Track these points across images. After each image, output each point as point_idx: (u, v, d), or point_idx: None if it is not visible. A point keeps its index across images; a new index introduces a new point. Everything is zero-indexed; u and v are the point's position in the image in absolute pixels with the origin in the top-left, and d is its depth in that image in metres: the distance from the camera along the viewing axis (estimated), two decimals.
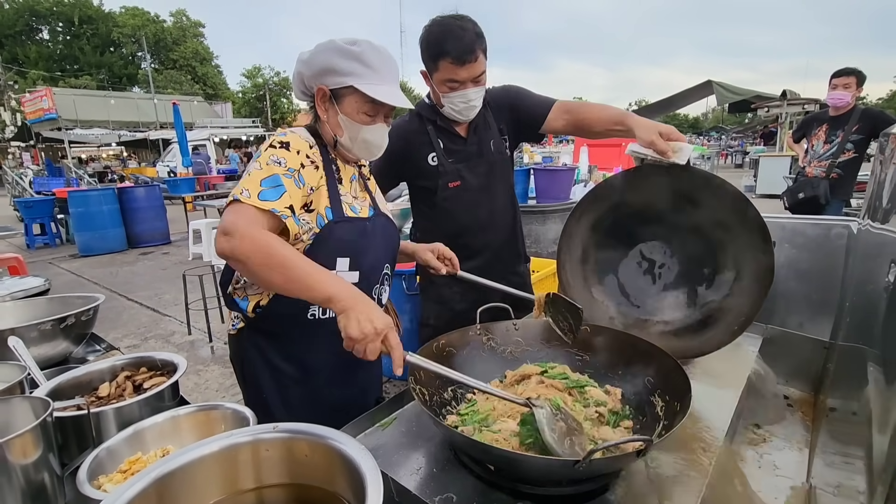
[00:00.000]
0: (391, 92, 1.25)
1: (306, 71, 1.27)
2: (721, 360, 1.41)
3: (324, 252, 1.23)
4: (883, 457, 0.45)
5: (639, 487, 0.91)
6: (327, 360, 1.37)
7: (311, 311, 1.31)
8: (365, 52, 1.22)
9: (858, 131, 3.91)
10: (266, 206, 1.09)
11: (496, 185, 1.89)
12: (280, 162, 1.17)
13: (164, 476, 0.65)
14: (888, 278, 0.66)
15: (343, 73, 1.22)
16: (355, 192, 1.40)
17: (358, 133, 1.29)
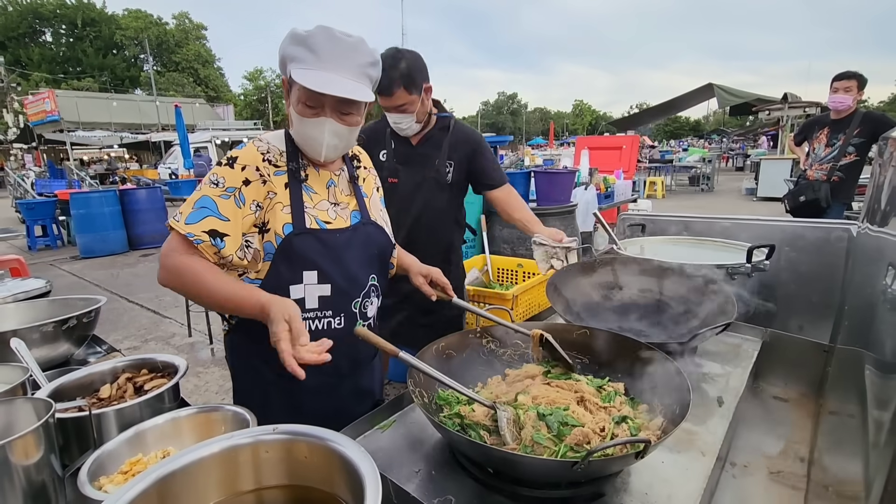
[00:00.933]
0: (326, 79, 1.10)
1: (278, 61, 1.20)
2: (720, 362, 1.42)
3: (286, 265, 1.20)
4: (878, 458, 0.46)
5: (638, 490, 0.91)
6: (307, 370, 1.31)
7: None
8: (313, 36, 1.11)
9: (860, 134, 3.91)
10: (184, 231, 1.09)
11: (432, 197, 2.10)
12: (218, 182, 1.14)
13: (164, 477, 0.65)
14: (885, 281, 0.67)
15: (290, 58, 1.13)
16: (334, 198, 1.31)
17: (301, 127, 1.19)
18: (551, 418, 0.94)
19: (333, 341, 1.23)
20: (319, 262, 1.22)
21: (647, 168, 17.07)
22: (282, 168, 1.23)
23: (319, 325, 1.27)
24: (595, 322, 1.57)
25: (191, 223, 1.10)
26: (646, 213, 4.07)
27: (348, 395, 1.41)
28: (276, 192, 1.20)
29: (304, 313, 1.24)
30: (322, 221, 1.24)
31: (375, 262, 1.38)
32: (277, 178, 1.21)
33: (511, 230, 3.90)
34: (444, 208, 2.15)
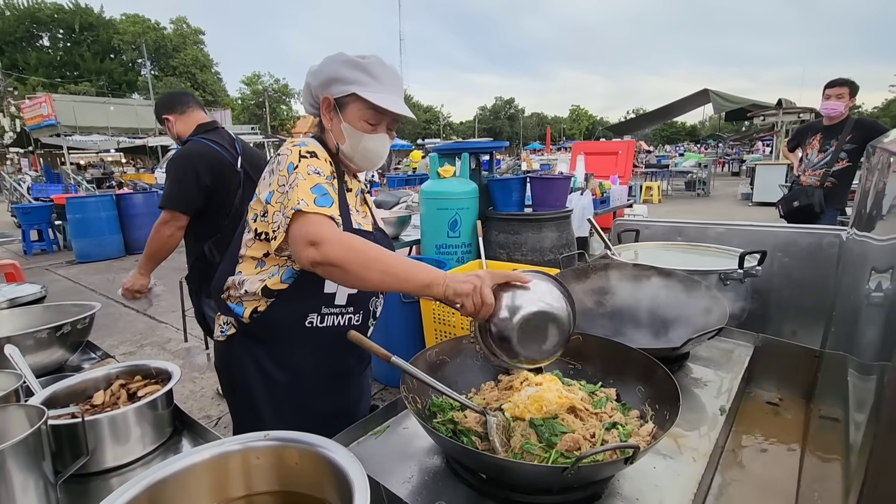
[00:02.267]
0: (393, 101, 1.27)
1: (314, 82, 1.30)
2: (713, 368, 1.43)
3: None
4: (856, 459, 0.47)
5: (629, 495, 0.91)
6: (319, 369, 1.39)
7: (309, 319, 1.31)
8: (371, 64, 1.26)
9: (852, 140, 3.94)
10: (327, 213, 1.12)
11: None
12: (319, 172, 1.20)
13: (155, 483, 0.65)
14: (868, 285, 0.68)
15: (347, 81, 1.25)
16: (357, 206, 1.42)
17: (359, 141, 1.31)
18: (542, 428, 0.94)
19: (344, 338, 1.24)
20: None
21: (643, 173, 17.15)
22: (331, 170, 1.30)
23: (342, 320, 1.35)
24: (588, 328, 1.57)
25: (325, 206, 1.12)
26: (641, 218, 4.09)
27: (353, 394, 1.48)
28: (336, 187, 1.28)
29: (332, 308, 1.32)
30: (357, 223, 1.34)
31: None
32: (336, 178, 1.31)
33: (507, 235, 3.91)
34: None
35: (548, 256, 3.81)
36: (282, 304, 1.28)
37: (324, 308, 1.32)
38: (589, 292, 1.71)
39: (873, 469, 0.42)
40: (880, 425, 0.42)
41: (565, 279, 1.70)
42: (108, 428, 0.96)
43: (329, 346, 1.35)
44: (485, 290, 1.03)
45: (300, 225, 1.10)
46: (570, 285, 1.70)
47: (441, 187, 3.92)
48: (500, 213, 4.02)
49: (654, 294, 1.64)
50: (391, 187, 14.40)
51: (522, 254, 3.84)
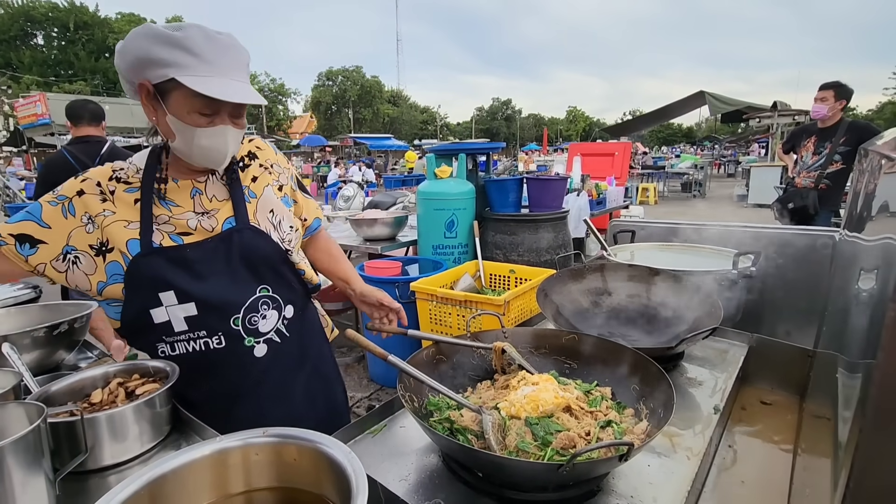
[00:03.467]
0: (225, 84, 1.03)
1: (122, 64, 1.06)
2: (708, 367, 1.44)
3: (138, 289, 1.12)
4: (843, 456, 0.48)
5: (624, 492, 0.93)
6: (203, 392, 1.23)
7: (161, 349, 1.20)
8: (190, 38, 1.00)
9: (846, 143, 3.99)
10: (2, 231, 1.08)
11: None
12: (56, 190, 1.13)
13: (156, 479, 0.66)
14: (857, 285, 0.69)
15: (162, 63, 1.00)
16: (202, 207, 1.19)
17: (192, 137, 1.08)
18: (537, 427, 0.95)
19: (216, 362, 1.19)
20: (173, 280, 1.11)
21: (639, 174, 17.22)
22: (134, 185, 1.15)
23: (196, 346, 1.18)
24: (584, 327, 1.59)
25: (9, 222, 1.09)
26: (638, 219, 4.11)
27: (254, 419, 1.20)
28: (115, 211, 1.12)
29: (175, 336, 1.17)
30: (177, 236, 1.15)
31: (262, 270, 1.23)
32: (127, 196, 1.14)
33: (504, 236, 3.93)
34: None
35: (544, 257, 3.83)
36: (128, 336, 1.23)
37: (165, 338, 1.17)
38: (585, 292, 1.73)
39: (858, 464, 0.43)
40: (865, 421, 0.43)
41: (562, 279, 1.71)
42: (107, 426, 0.96)
43: (198, 372, 1.20)
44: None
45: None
46: (567, 285, 1.72)
47: (438, 188, 3.94)
48: (496, 213, 4.04)
49: (649, 294, 1.65)
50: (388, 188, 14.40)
51: (519, 254, 3.86)
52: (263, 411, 1.28)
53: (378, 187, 16.27)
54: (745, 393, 1.44)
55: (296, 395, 1.35)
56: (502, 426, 0.98)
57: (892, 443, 0.42)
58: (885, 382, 0.41)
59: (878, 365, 0.41)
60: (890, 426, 0.41)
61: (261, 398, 1.28)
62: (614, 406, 1.09)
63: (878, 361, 0.41)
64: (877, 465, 0.42)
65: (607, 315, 1.68)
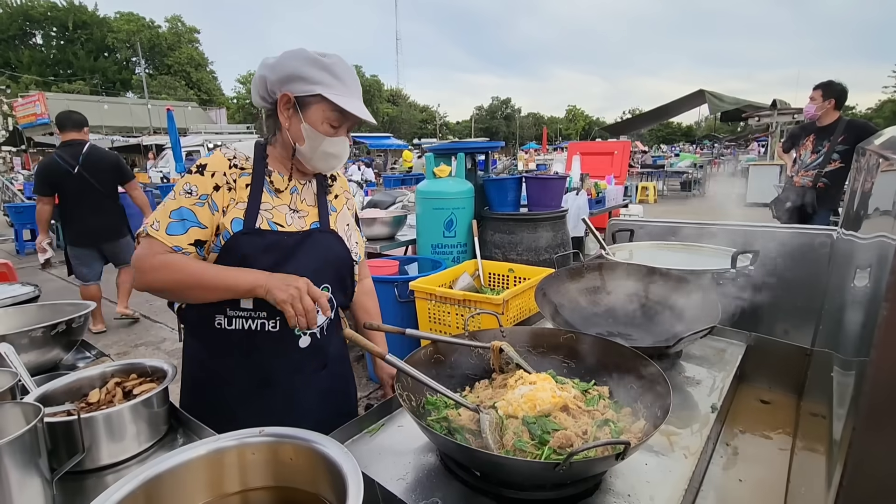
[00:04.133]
0: (357, 105, 1.25)
1: (271, 76, 1.25)
2: (706, 366, 1.44)
3: (229, 261, 1.22)
4: (837, 454, 0.48)
5: (621, 491, 0.93)
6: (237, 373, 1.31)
7: (217, 321, 1.27)
8: (335, 65, 1.23)
9: (844, 142, 3.99)
10: (170, 243, 1.18)
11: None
12: (191, 191, 1.22)
13: (151, 479, 0.66)
14: (853, 283, 0.69)
15: (311, 81, 1.21)
16: (295, 205, 1.34)
17: (319, 144, 1.27)
18: (535, 426, 0.95)
19: (264, 344, 1.29)
20: (260, 260, 1.23)
21: (639, 173, 17.22)
22: (247, 170, 1.29)
23: (253, 325, 1.27)
24: (583, 326, 1.59)
25: (174, 234, 1.18)
26: (637, 217, 4.11)
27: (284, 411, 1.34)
28: (235, 198, 1.26)
29: (238, 311, 1.27)
30: (275, 223, 1.28)
31: (330, 269, 1.36)
32: (241, 181, 1.27)
33: (503, 235, 3.93)
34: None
35: (543, 256, 3.83)
36: (190, 304, 1.30)
37: (228, 310, 1.26)
38: (583, 291, 1.73)
39: (852, 461, 0.43)
40: (859, 419, 0.43)
41: (560, 278, 1.72)
42: (104, 425, 0.96)
43: (243, 349, 1.29)
44: (305, 299, 1.08)
45: (140, 247, 1.19)
46: (565, 284, 1.72)
47: (437, 187, 3.93)
48: (495, 212, 4.03)
49: (647, 293, 1.65)
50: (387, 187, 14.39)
51: (518, 253, 3.86)
52: (292, 401, 1.36)
53: (377, 186, 16.25)
54: (743, 392, 1.44)
55: (321, 389, 1.43)
56: (499, 425, 0.98)
57: (884, 440, 0.42)
58: (878, 380, 0.41)
59: (872, 362, 0.41)
60: (883, 424, 0.41)
61: (294, 387, 1.36)
62: (612, 405, 1.09)
63: (872, 359, 0.41)
64: (870, 462, 0.42)
65: (605, 314, 1.68)
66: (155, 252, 1.17)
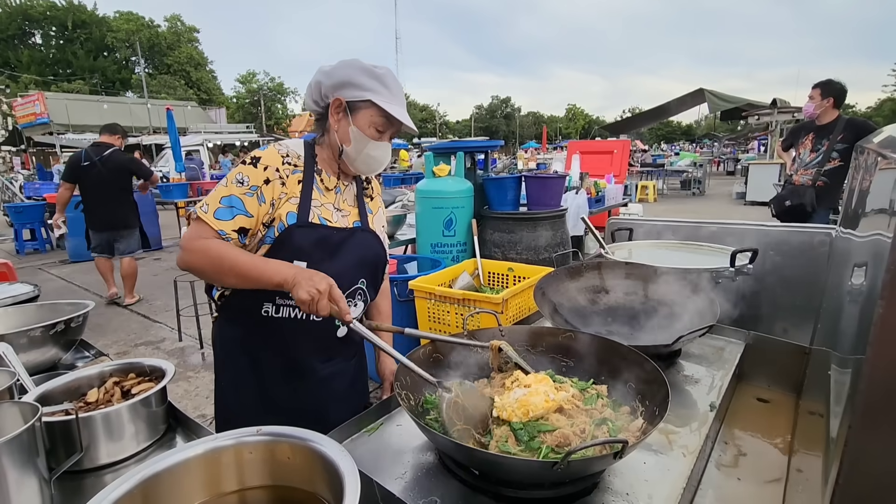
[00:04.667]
0: (403, 113, 1.35)
1: (326, 81, 1.34)
2: (705, 365, 1.44)
3: (282, 252, 1.29)
4: (833, 451, 0.48)
5: (620, 490, 0.93)
6: (275, 360, 1.40)
7: (265, 308, 1.34)
8: (385, 75, 1.33)
9: (843, 140, 3.98)
10: (216, 227, 1.23)
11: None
12: (243, 181, 1.27)
13: (149, 478, 0.66)
14: (850, 281, 0.69)
15: (363, 87, 1.31)
16: (338, 205, 1.43)
17: (364, 146, 1.35)
18: (521, 432, 0.95)
19: (307, 332, 1.36)
20: (311, 253, 1.31)
21: (639, 172, 17.22)
22: (299, 167, 1.36)
23: (299, 314, 1.34)
24: (582, 325, 1.59)
25: (221, 219, 1.23)
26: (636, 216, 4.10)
27: (316, 395, 1.44)
28: (287, 192, 1.32)
29: (287, 299, 1.33)
30: (324, 219, 1.36)
31: (368, 266, 1.46)
32: (293, 177, 1.34)
33: (502, 234, 3.92)
34: None
35: (542, 255, 3.83)
36: (238, 291, 1.35)
37: (277, 298, 1.34)
38: (582, 290, 1.73)
39: (848, 458, 0.43)
40: (855, 416, 0.43)
41: (559, 277, 1.72)
42: (102, 425, 0.96)
43: (285, 337, 1.37)
44: (323, 302, 1.10)
45: (190, 228, 1.26)
46: (564, 283, 1.72)
47: (436, 186, 3.93)
48: (495, 212, 4.03)
49: (646, 292, 1.66)
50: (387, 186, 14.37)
51: (517, 252, 3.86)
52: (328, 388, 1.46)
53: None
54: (742, 390, 1.45)
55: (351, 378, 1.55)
56: (459, 405, 1.01)
57: (880, 438, 0.42)
58: (874, 378, 0.41)
59: (868, 360, 0.41)
60: (879, 421, 0.41)
61: (329, 374, 1.46)
62: (610, 404, 1.09)
63: (868, 357, 0.41)
64: (866, 459, 0.42)
65: (605, 313, 1.68)
66: (200, 235, 1.22)
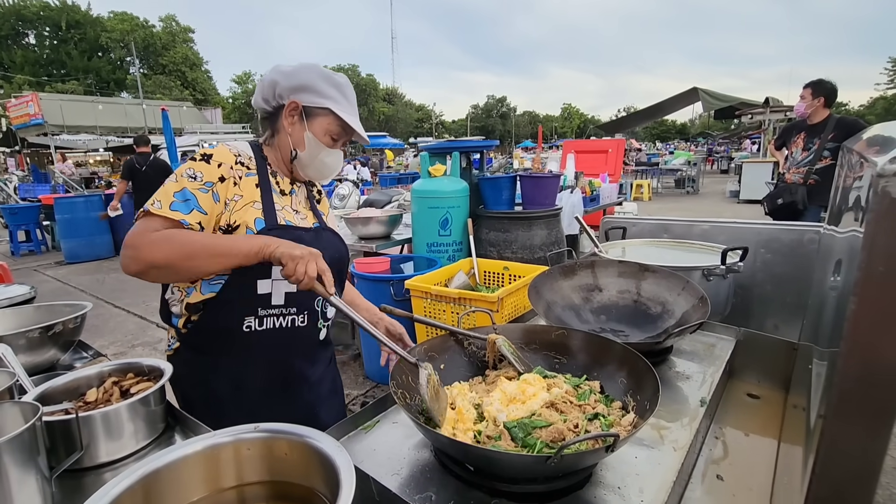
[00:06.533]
0: (358, 124, 1.36)
1: (284, 82, 1.30)
2: (696, 361, 1.46)
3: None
4: (811, 442, 0.50)
5: (612, 483, 0.94)
6: (265, 376, 1.33)
7: (247, 323, 1.27)
8: (344, 85, 1.34)
9: (834, 139, 4.03)
10: (176, 217, 1.14)
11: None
12: (195, 176, 1.20)
13: (150, 473, 0.68)
14: (831, 278, 0.71)
15: (322, 94, 1.30)
16: (296, 206, 1.41)
17: (318, 153, 1.34)
18: (516, 430, 0.97)
19: (292, 340, 1.33)
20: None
21: (633, 171, 17.29)
22: (252, 170, 1.31)
23: (284, 322, 1.31)
24: (575, 323, 1.61)
25: (179, 211, 1.15)
26: (631, 215, 4.14)
27: (308, 403, 1.41)
28: (242, 195, 1.26)
29: (270, 309, 1.28)
30: (288, 221, 1.33)
31: (335, 265, 1.37)
32: (248, 180, 1.29)
33: (497, 233, 3.94)
34: None
35: (537, 254, 3.85)
36: (215, 311, 1.25)
37: (260, 310, 1.27)
38: (576, 288, 1.75)
39: (824, 449, 0.45)
40: (830, 408, 0.45)
41: (553, 276, 1.73)
42: (102, 424, 0.97)
43: (272, 350, 1.31)
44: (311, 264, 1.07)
45: (137, 226, 1.13)
46: (558, 282, 1.73)
47: (432, 186, 3.95)
48: (490, 211, 4.05)
49: (639, 290, 1.68)
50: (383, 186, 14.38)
51: (513, 251, 3.88)
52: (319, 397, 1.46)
53: (373, 185, 16.24)
54: (733, 386, 1.47)
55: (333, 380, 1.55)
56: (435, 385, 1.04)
57: (853, 428, 0.43)
58: (846, 371, 0.43)
59: (842, 354, 0.43)
60: (851, 412, 0.43)
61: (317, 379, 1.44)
62: (602, 399, 1.11)
63: (841, 351, 0.43)
64: (839, 448, 0.44)
65: (598, 310, 1.70)
66: (154, 228, 1.12)
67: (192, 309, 1.27)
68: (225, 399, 1.32)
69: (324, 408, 1.47)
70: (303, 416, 1.36)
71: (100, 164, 25.56)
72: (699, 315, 1.42)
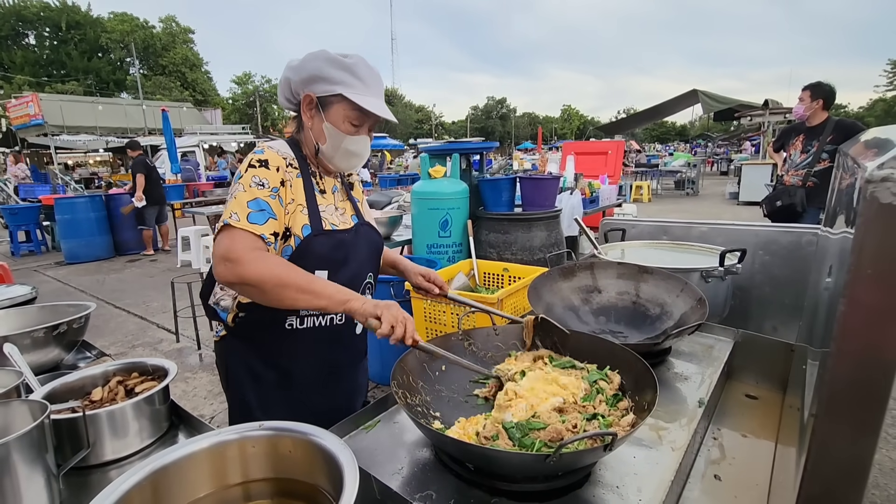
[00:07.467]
0: (378, 104, 1.28)
1: (294, 77, 1.29)
2: (695, 362, 1.47)
3: (302, 264, 1.22)
4: (804, 439, 0.51)
5: (610, 482, 0.96)
6: (307, 368, 1.39)
7: (289, 322, 1.32)
8: (356, 65, 1.26)
9: (832, 141, 4.04)
10: (256, 231, 1.14)
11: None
12: (263, 183, 1.20)
13: (158, 469, 0.69)
14: (825, 279, 0.72)
15: (332, 81, 1.25)
16: (337, 203, 1.41)
17: (341, 142, 1.30)
18: (514, 430, 0.98)
19: (332, 337, 1.38)
20: (330, 262, 1.30)
21: (633, 172, 17.31)
22: (297, 170, 1.31)
23: (323, 321, 1.35)
24: (574, 324, 1.62)
25: (257, 223, 1.15)
26: (631, 217, 4.15)
27: (345, 391, 1.50)
28: (294, 198, 1.27)
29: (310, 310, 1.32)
30: (332, 224, 1.34)
31: (373, 259, 1.48)
32: (297, 182, 1.29)
33: (497, 235, 3.96)
34: None
35: (537, 255, 3.87)
36: (260, 309, 1.26)
37: (301, 311, 1.32)
38: (575, 290, 1.76)
39: (815, 446, 0.46)
40: (821, 406, 0.46)
41: (552, 278, 1.75)
42: (108, 422, 0.98)
43: (313, 346, 1.37)
44: (399, 328, 1.08)
45: (223, 238, 1.13)
46: (557, 283, 1.75)
47: (432, 187, 3.96)
48: (490, 212, 4.07)
49: (638, 291, 1.69)
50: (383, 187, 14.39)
51: (512, 253, 3.89)
52: (357, 384, 1.53)
53: (373, 186, 16.25)
54: (731, 387, 1.48)
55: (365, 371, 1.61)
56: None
57: (842, 426, 0.45)
58: (836, 370, 0.44)
59: (832, 354, 0.44)
60: (841, 410, 0.45)
61: (354, 371, 1.51)
62: (608, 399, 1.12)
63: (832, 350, 0.44)
64: (830, 445, 0.45)
65: (597, 312, 1.71)
66: (246, 243, 1.12)
67: (242, 307, 1.32)
68: (269, 385, 1.38)
69: (358, 394, 1.57)
70: (345, 407, 1.47)
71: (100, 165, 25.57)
72: (698, 316, 1.43)
